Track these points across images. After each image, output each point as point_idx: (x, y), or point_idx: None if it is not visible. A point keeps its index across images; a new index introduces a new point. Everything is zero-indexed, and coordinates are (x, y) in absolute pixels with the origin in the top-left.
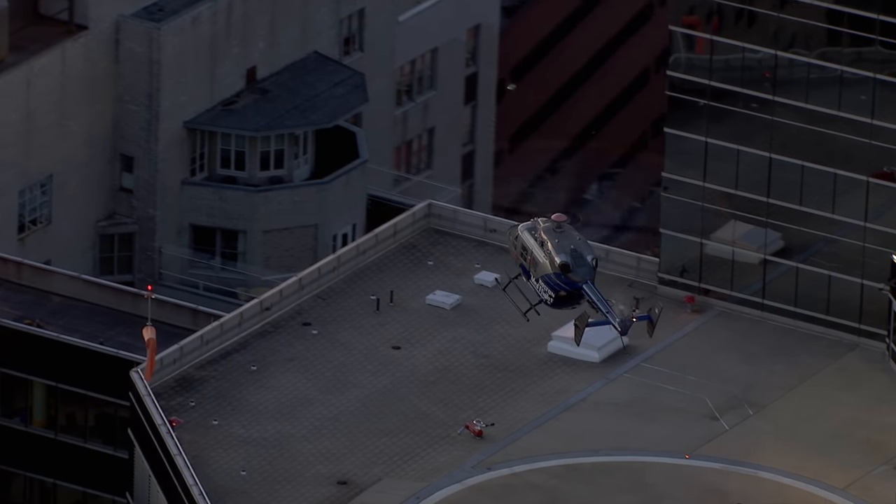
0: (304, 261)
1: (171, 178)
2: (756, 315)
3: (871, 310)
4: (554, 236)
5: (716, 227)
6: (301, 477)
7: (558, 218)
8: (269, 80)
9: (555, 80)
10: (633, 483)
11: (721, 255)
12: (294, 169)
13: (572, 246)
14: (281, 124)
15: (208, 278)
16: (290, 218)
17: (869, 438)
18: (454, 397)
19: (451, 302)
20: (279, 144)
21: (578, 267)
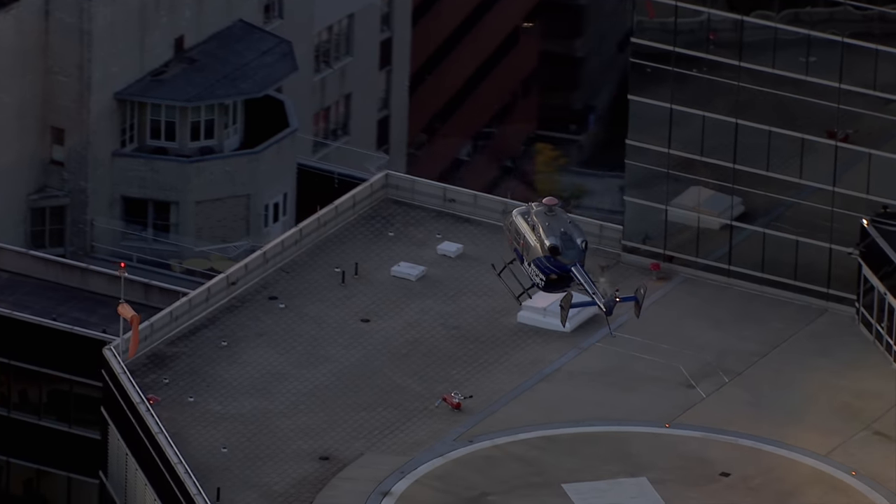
0: (237, 231)
1: (102, 150)
2: (722, 281)
3: (838, 274)
4: (545, 219)
5: (678, 193)
6: (282, 453)
7: (549, 201)
8: (196, 49)
9: (436, 35)
10: (615, 453)
11: (684, 221)
12: (224, 139)
13: (562, 229)
14: (212, 94)
15: (141, 250)
16: (223, 188)
17: (847, 404)
18: (428, 370)
19: (416, 273)
20: (209, 114)
21: (568, 250)
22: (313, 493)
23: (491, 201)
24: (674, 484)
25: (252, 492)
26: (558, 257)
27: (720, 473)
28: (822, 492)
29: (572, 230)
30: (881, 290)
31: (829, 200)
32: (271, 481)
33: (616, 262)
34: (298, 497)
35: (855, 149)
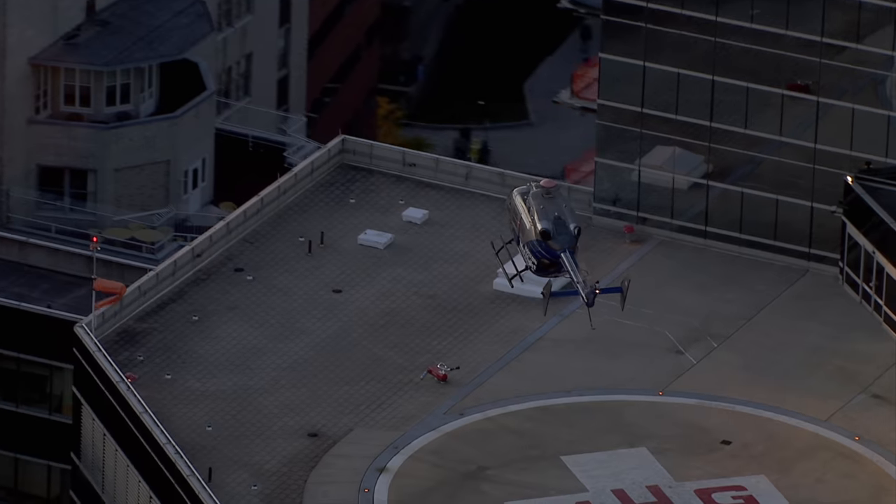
0: (157, 199)
1: (17, 117)
2: (699, 243)
3: (819, 234)
4: (540, 202)
5: (650, 153)
6: (269, 430)
7: (547, 184)
8: (108, 10)
9: None
10: (612, 422)
11: (657, 182)
12: (140, 104)
13: (556, 213)
14: (130, 57)
15: (59, 220)
16: (142, 155)
17: (841, 367)
18: (408, 341)
19: (383, 241)
20: (125, 79)
21: (559, 235)
22: (306, 470)
23: (454, 165)
24: (675, 453)
25: (243, 471)
26: (549, 242)
27: (721, 441)
28: (829, 458)
29: (567, 215)
30: (869, 248)
31: (809, 157)
32: (261, 460)
33: (587, 224)
34: (291, 475)
35: (835, 103)
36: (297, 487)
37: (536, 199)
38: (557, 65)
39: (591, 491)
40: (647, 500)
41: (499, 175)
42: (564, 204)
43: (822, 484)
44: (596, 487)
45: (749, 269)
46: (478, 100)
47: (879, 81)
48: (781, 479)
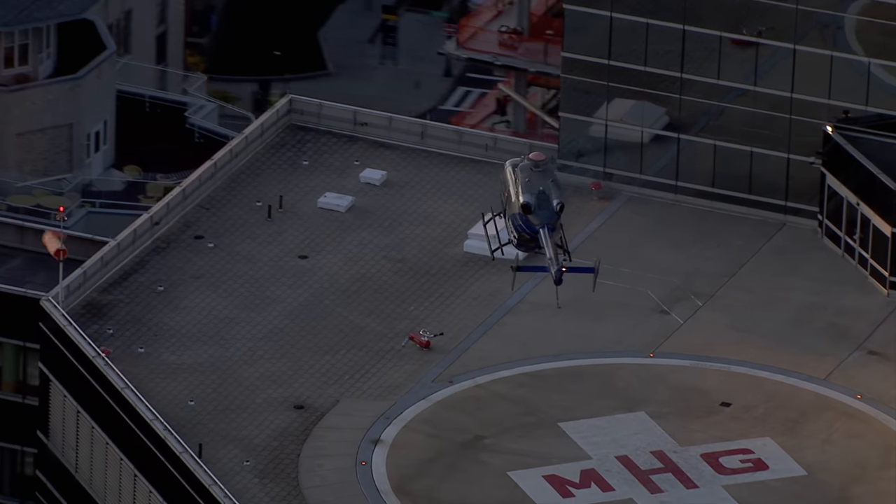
0: (60, 164)
1: None
2: (669, 198)
3: (795, 186)
4: (527, 175)
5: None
6: (253, 403)
7: (536, 157)
8: None
9: None
10: (604, 387)
11: (624, 136)
12: (38, 65)
13: (541, 188)
14: (29, 17)
15: None
16: (44, 118)
17: (832, 323)
18: (383, 307)
19: (345, 204)
20: (23, 39)
21: (540, 210)
22: (297, 444)
23: (408, 124)
24: (674, 417)
25: (232, 446)
26: (529, 216)
27: (720, 404)
28: (833, 418)
29: (551, 190)
30: (852, 200)
31: (781, 107)
32: (250, 434)
33: None
34: (282, 449)
35: (814, 51)
36: (290, 462)
37: (524, 171)
38: (351, 11)
39: (595, 458)
40: (654, 466)
41: (456, 133)
42: (552, 178)
43: (831, 445)
44: (599, 454)
45: (724, 224)
46: (273, 49)
47: (838, 26)
48: (788, 440)
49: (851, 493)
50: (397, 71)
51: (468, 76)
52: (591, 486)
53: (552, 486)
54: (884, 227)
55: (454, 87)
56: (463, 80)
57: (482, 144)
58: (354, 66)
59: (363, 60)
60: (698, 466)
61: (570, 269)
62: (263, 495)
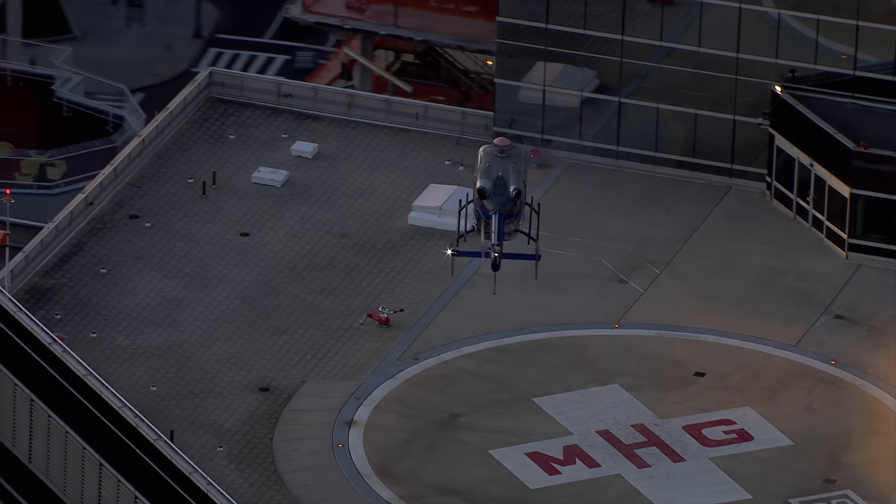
0: None
1: None
2: (610, 164)
3: (740, 148)
4: (488, 160)
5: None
6: (216, 387)
7: (500, 142)
8: None
9: None
10: (574, 360)
11: (560, 102)
12: None
13: (500, 173)
14: None
15: None
16: None
17: (794, 288)
18: (335, 284)
19: (280, 178)
20: None
21: (494, 195)
22: (268, 428)
23: (334, 94)
24: (650, 389)
25: (203, 432)
26: (484, 201)
27: (694, 374)
28: (811, 385)
29: (511, 176)
30: (805, 161)
31: (731, 69)
32: (219, 419)
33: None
34: (254, 434)
35: (759, 9)
36: (264, 446)
37: (488, 156)
38: None
39: (576, 434)
40: (637, 440)
41: (384, 102)
42: (513, 164)
43: (813, 413)
44: (579, 430)
45: (669, 189)
46: None
47: None
48: (769, 410)
49: (842, 461)
50: (145, 33)
51: (219, 38)
52: (577, 463)
53: (537, 464)
54: (841, 188)
55: (205, 48)
56: (214, 41)
57: (412, 114)
58: (100, 29)
59: (109, 22)
60: (682, 439)
61: (510, 255)
62: (242, 481)
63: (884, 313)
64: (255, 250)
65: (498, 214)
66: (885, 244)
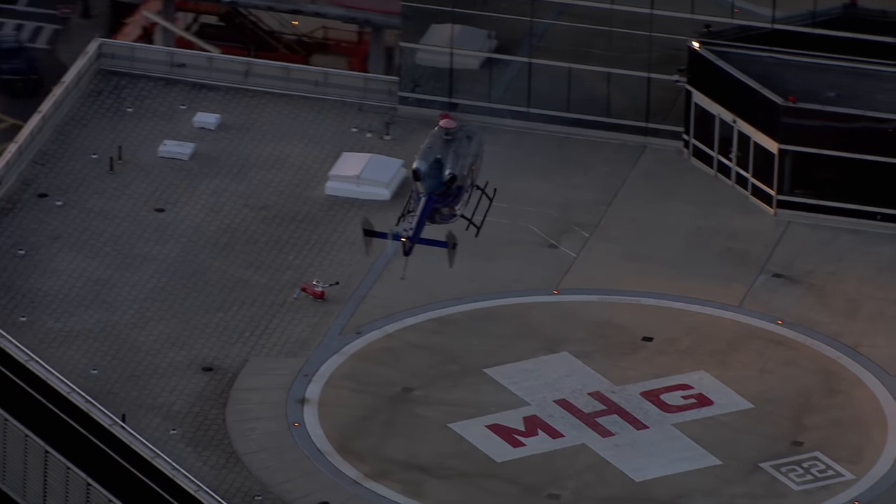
0: None
1: None
2: (520, 126)
3: (654, 107)
4: (430, 141)
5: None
6: (159, 368)
7: (446, 124)
8: None
9: None
10: (519, 328)
11: (465, 65)
12: None
13: (438, 155)
14: None
15: None
16: None
17: (728, 248)
18: (261, 258)
19: (187, 151)
20: None
21: (427, 178)
22: (219, 408)
23: (229, 62)
24: (600, 355)
25: (153, 415)
26: (417, 183)
27: (642, 338)
28: (762, 347)
29: (449, 160)
30: (727, 118)
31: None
32: (167, 401)
33: (394, 118)
34: (205, 415)
35: None
36: (217, 427)
37: (432, 136)
38: None
39: (534, 404)
40: (597, 408)
41: (282, 70)
42: (455, 147)
43: (769, 374)
44: (536, 400)
45: (584, 150)
46: None
47: None
48: (724, 373)
49: (805, 423)
50: None
51: None
52: (539, 434)
53: (499, 437)
54: (768, 143)
55: None
56: None
57: (312, 81)
58: None
59: None
60: (642, 406)
61: (423, 241)
62: (202, 464)
63: (821, 270)
64: (173, 226)
65: (426, 198)
66: (814, 199)
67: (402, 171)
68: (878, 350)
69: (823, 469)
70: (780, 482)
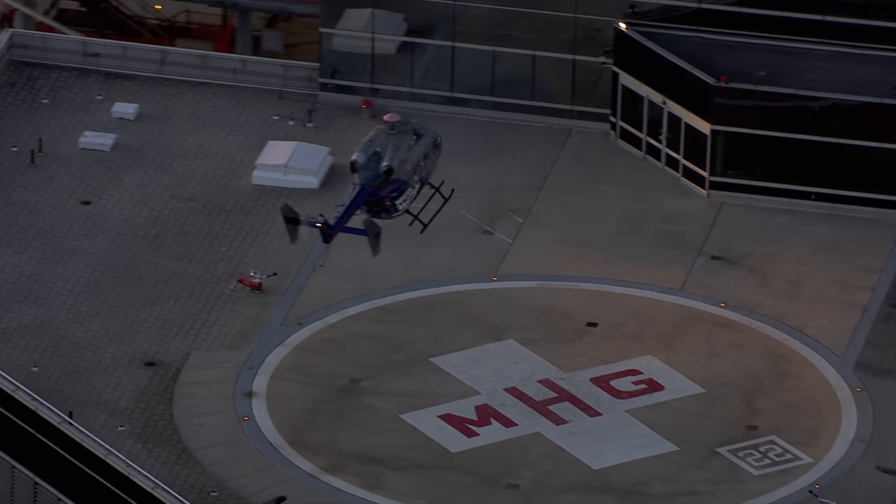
0: None
1: None
2: (444, 111)
3: (578, 89)
4: (374, 134)
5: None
6: (100, 364)
7: (390, 118)
8: None
9: None
10: (462, 316)
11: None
12: None
13: (378, 149)
14: None
15: None
16: None
17: (663, 231)
18: (194, 250)
19: (108, 143)
20: None
21: (363, 170)
22: (164, 404)
23: (145, 51)
24: (545, 343)
25: (99, 411)
26: (354, 175)
27: (587, 324)
28: (708, 330)
29: (388, 153)
30: (656, 99)
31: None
32: (111, 397)
33: (314, 104)
34: (152, 411)
35: None
36: (165, 423)
37: (376, 130)
38: None
39: (484, 393)
40: (548, 396)
41: (199, 58)
42: (397, 141)
43: (718, 358)
44: (486, 388)
45: (510, 135)
46: None
47: None
48: (672, 357)
49: (758, 406)
50: None
51: None
52: (493, 423)
53: (452, 427)
54: (701, 124)
55: None
56: None
57: (230, 69)
58: None
59: None
60: (593, 392)
61: (345, 230)
62: (153, 461)
63: (760, 252)
64: (101, 219)
65: (359, 188)
66: (746, 180)
67: (329, 158)
68: (823, 331)
69: (781, 453)
70: (738, 467)
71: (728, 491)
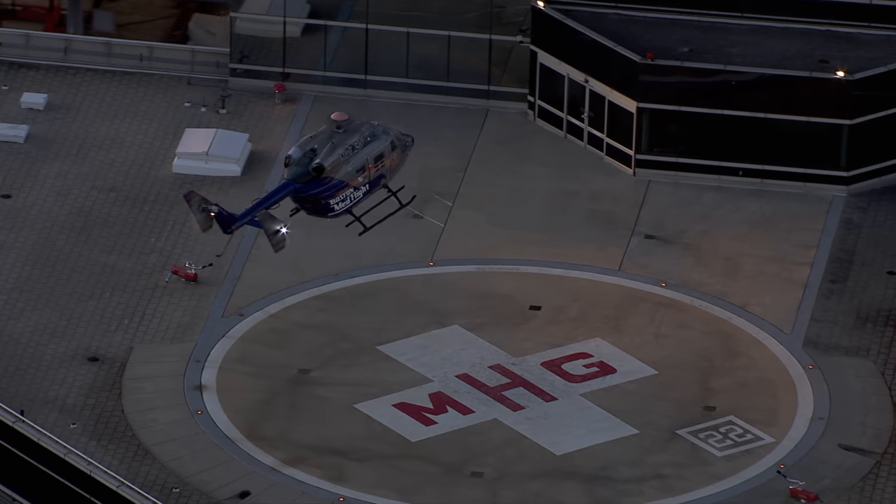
0: None
1: None
2: (358, 94)
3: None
4: (319, 131)
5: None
6: (42, 361)
7: (337, 117)
8: None
9: None
10: (404, 303)
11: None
12: None
13: (314, 145)
14: None
15: None
16: None
17: (592, 210)
18: (122, 242)
19: (22, 134)
20: None
21: (294, 165)
22: (113, 400)
23: (49, 39)
24: (491, 327)
25: (48, 409)
26: (286, 169)
27: (530, 307)
28: (652, 310)
29: (325, 152)
30: (578, 77)
31: None
32: (59, 394)
33: (225, 89)
34: (102, 407)
35: None
36: (117, 420)
37: (322, 128)
38: None
39: (437, 380)
40: (501, 381)
41: (104, 45)
42: (339, 139)
43: (666, 339)
44: (438, 376)
45: (427, 116)
46: None
47: None
48: (619, 339)
49: (713, 386)
50: None
51: None
52: (449, 411)
53: (409, 416)
54: (626, 102)
55: None
56: None
57: (136, 56)
58: None
59: None
60: (545, 377)
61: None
62: (111, 458)
63: (693, 230)
64: (24, 212)
65: (284, 183)
66: (673, 157)
67: (249, 146)
68: (767, 308)
69: (741, 433)
70: (701, 449)
71: (695, 473)
